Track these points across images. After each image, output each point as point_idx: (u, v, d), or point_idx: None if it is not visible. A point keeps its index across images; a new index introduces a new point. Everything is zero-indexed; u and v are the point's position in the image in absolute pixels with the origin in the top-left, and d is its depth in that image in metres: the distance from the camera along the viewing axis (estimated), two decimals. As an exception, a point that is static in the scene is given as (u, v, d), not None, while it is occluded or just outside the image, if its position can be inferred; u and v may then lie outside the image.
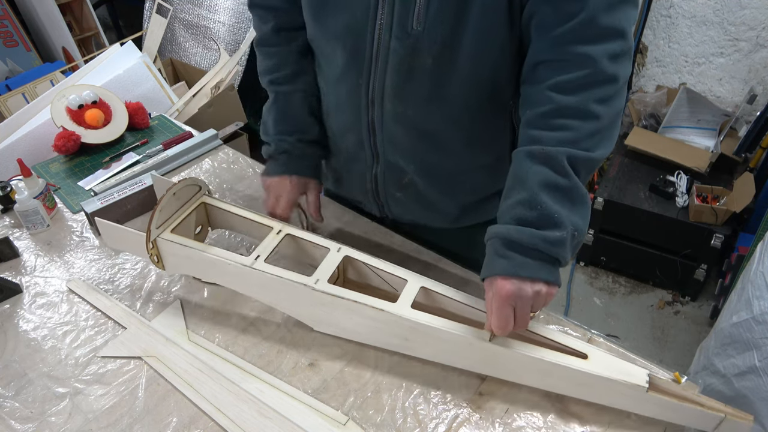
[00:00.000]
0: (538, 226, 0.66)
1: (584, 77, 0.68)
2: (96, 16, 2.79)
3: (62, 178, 1.22)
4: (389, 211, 0.99)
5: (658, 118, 2.42)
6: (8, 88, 2.06)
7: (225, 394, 0.76)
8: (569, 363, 0.70)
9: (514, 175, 0.71)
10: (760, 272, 1.49)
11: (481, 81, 0.79)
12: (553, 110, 0.70)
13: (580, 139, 0.69)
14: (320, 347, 0.82)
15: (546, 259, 0.67)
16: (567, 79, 0.69)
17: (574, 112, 0.69)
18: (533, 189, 0.68)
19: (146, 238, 0.84)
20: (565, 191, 0.68)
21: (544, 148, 0.68)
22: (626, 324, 2.13)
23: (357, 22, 0.77)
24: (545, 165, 0.68)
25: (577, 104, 0.69)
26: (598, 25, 0.67)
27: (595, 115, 0.69)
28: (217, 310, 0.89)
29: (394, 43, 0.76)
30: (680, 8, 2.28)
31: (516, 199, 0.69)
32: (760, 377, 1.48)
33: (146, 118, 1.41)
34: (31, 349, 0.84)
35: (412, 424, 0.72)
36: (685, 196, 2.09)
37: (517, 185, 0.70)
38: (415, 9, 0.73)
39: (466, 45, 0.74)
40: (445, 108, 0.81)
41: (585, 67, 0.68)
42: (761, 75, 2.24)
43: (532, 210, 0.67)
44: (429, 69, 0.77)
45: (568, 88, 0.69)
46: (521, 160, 0.71)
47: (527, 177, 0.69)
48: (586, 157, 0.69)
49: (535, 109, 0.71)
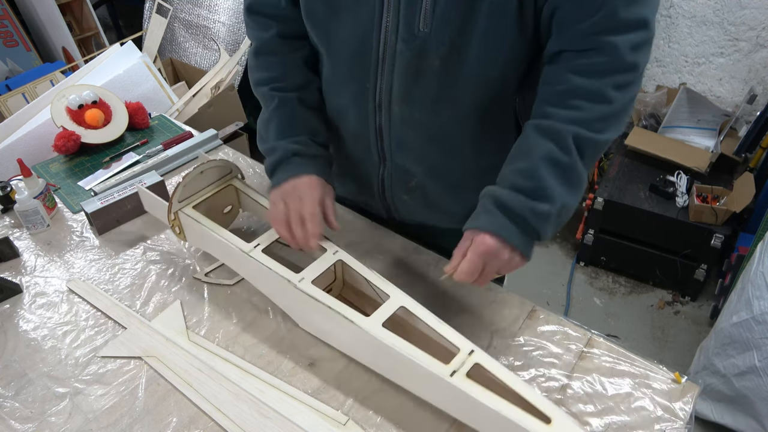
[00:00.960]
0: (531, 196, 0.70)
1: (604, 63, 0.71)
2: (96, 16, 2.79)
3: (62, 178, 1.22)
4: (396, 212, 0.99)
5: (658, 118, 2.42)
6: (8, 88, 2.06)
7: (225, 394, 0.76)
8: (528, 425, 0.61)
9: (520, 145, 0.75)
10: (760, 272, 1.49)
11: (489, 81, 0.78)
12: (569, 90, 0.72)
13: (590, 121, 0.71)
14: (320, 347, 0.82)
15: (528, 231, 0.71)
16: (588, 63, 0.71)
17: (589, 94, 0.71)
18: (534, 161, 0.71)
19: (168, 209, 0.89)
20: (564, 168, 0.71)
21: (553, 124, 0.71)
22: (626, 324, 2.13)
23: (363, 26, 0.76)
24: (551, 140, 0.71)
25: (593, 87, 0.71)
26: (619, 18, 0.69)
27: (609, 99, 0.71)
28: (217, 310, 0.89)
29: (401, 45, 0.75)
30: (680, 8, 2.28)
31: (516, 167, 0.72)
32: (760, 377, 1.48)
33: (146, 118, 1.41)
34: (31, 349, 0.84)
35: (412, 424, 0.72)
36: (685, 196, 2.09)
37: (521, 154, 0.73)
38: (421, 10, 0.72)
39: (475, 46, 0.74)
40: (452, 109, 0.81)
41: (606, 54, 0.70)
42: (761, 75, 2.24)
43: (528, 180, 0.70)
44: (436, 71, 0.77)
45: (587, 71, 0.71)
46: (530, 131, 0.74)
47: (531, 148, 0.72)
48: (591, 138, 0.71)
49: (552, 86, 0.74)
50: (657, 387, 0.76)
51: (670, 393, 0.76)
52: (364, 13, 0.75)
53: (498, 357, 0.81)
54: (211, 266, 0.97)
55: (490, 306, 0.88)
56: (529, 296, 0.90)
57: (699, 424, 1.70)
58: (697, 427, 1.71)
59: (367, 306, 0.80)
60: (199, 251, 1.00)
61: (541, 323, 0.86)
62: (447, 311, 0.87)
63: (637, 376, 0.78)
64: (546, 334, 0.84)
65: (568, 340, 0.83)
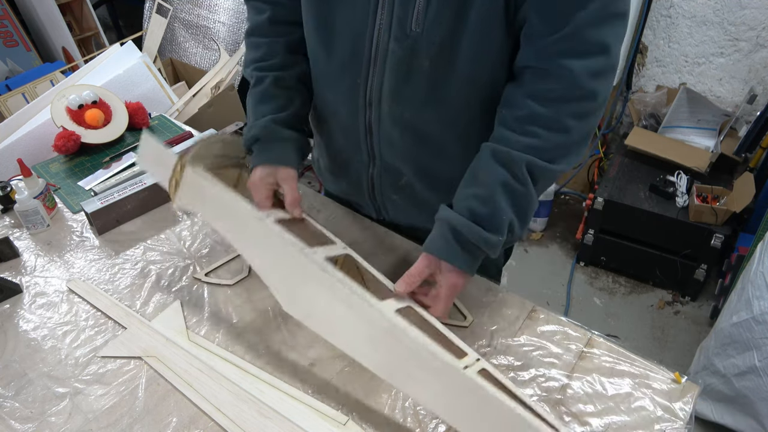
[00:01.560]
0: (485, 227, 0.73)
1: (561, 90, 0.70)
2: (96, 16, 2.79)
3: (62, 178, 1.22)
4: (386, 213, 0.99)
5: (658, 118, 2.42)
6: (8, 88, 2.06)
7: (225, 394, 0.76)
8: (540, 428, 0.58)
9: (476, 169, 0.77)
10: (760, 272, 1.49)
11: (478, 83, 0.79)
12: (527, 116, 0.73)
13: (545, 149, 0.72)
14: (320, 347, 0.82)
15: (479, 257, 0.76)
16: (545, 89, 0.71)
17: (546, 122, 0.72)
18: (491, 187, 0.73)
19: (179, 160, 0.84)
20: (518, 196, 0.73)
21: (509, 152, 0.73)
22: (626, 324, 2.13)
23: (357, 23, 0.77)
24: (505, 167, 0.73)
25: (551, 115, 0.71)
26: (582, 40, 0.68)
27: (566, 128, 0.72)
28: (217, 310, 0.89)
29: (393, 44, 0.76)
30: (680, 8, 2.28)
31: (472, 192, 0.75)
32: (760, 377, 1.48)
33: (146, 118, 1.41)
34: (31, 349, 0.84)
35: (412, 424, 0.72)
36: (685, 196, 2.09)
37: (477, 180, 0.75)
38: (414, 11, 0.73)
39: (464, 47, 0.75)
40: (441, 110, 0.81)
41: (563, 80, 0.70)
42: (761, 75, 2.24)
43: (484, 206, 0.73)
44: (426, 71, 0.78)
45: (545, 98, 0.71)
46: (486, 156, 0.75)
47: (488, 174, 0.74)
48: (544, 167, 0.73)
49: (512, 111, 0.75)
50: (657, 387, 0.76)
51: (670, 393, 0.76)
52: (359, 10, 0.76)
53: (498, 357, 0.81)
54: (211, 266, 0.97)
55: (490, 306, 0.88)
56: (529, 296, 0.90)
57: (699, 424, 1.70)
58: (697, 427, 1.71)
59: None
60: (199, 251, 1.00)
61: (541, 323, 0.86)
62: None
63: (637, 376, 0.78)
64: (546, 334, 0.84)
65: (568, 340, 0.83)
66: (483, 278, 0.93)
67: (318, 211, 1.08)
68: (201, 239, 1.03)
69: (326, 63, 0.87)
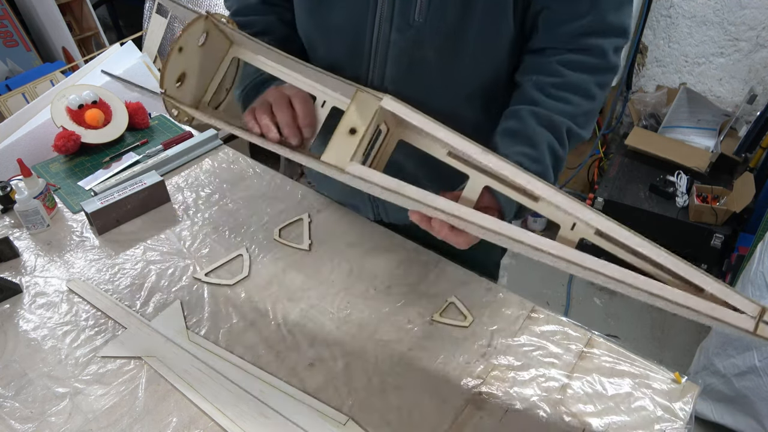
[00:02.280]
0: None
1: (595, 63, 0.75)
2: (96, 16, 2.79)
3: (62, 178, 1.22)
4: (385, 214, 0.99)
5: (658, 118, 2.42)
6: (8, 88, 2.06)
7: (225, 394, 0.76)
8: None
9: (520, 129, 0.75)
10: (760, 272, 1.49)
11: (482, 73, 0.79)
12: (562, 83, 0.75)
13: (577, 115, 0.75)
14: (320, 347, 0.82)
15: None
16: (578, 59, 0.75)
17: (578, 89, 0.75)
18: (541, 149, 0.73)
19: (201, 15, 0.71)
20: (558, 159, 0.75)
21: (551, 115, 0.74)
22: (626, 324, 2.13)
23: (356, 14, 0.76)
24: (548, 130, 0.74)
25: (583, 83, 0.75)
26: (605, 23, 0.73)
27: (593, 96, 0.76)
28: (217, 310, 0.89)
29: (395, 35, 0.75)
30: (680, 8, 2.28)
31: (521, 150, 0.73)
32: (760, 377, 1.48)
33: (146, 118, 1.40)
34: (31, 349, 0.84)
35: (413, 425, 0.72)
36: (685, 196, 2.09)
37: (523, 139, 0.74)
38: (417, 0, 0.72)
39: (470, 37, 0.74)
40: (444, 101, 0.81)
41: (596, 55, 0.75)
42: (761, 75, 2.24)
43: (535, 165, 0.72)
44: (431, 62, 0.77)
45: (579, 67, 0.75)
46: (526, 117, 0.75)
47: (535, 135, 0.73)
48: (578, 132, 0.76)
49: (544, 77, 0.76)
50: (657, 387, 0.76)
51: (670, 393, 0.76)
52: (358, 2, 0.75)
53: (498, 357, 0.81)
54: (211, 266, 0.97)
55: (490, 306, 0.88)
56: (529, 296, 0.90)
57: (699, 424, 1.70)
58: (697, 427, 1.70)
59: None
60: (199, 251, 1.00)
61: (541, 323, 0.86)
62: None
63: (637, 376, 0.78)
64: (546, 334, 0.84)
65: (568, 340, 0.83)
66: (483, 278, 0.93)
67: (318, 211, 1.08)
68: (201, 239, 1.03)
69: (322, 59, 0.85)
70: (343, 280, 0.94)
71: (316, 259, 0.98)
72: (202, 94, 0.78)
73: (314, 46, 0.86)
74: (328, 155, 0.65)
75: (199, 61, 0.74)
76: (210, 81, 0.78)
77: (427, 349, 0.82)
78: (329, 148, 0.65)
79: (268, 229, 1.05)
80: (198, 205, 1.12)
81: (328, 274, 0.95)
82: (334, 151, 0.65)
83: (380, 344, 0.83)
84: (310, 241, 1.01)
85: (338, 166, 0.65)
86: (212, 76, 0.77)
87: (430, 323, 0.86)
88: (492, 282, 0.93)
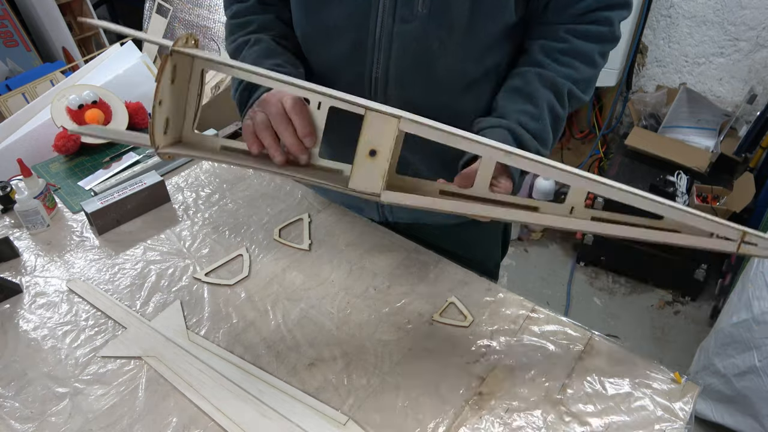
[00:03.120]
0: (538, 141, 0.76)
1: (601, 32, 0.79)
2: (96, 16, 2.79)
3: (62, 178, 1.22)
4: (390, 213, 0.99)
5: (658, 118, 2.42)
6: (8, 88, 2.06)
7: (225, 394, 0.76)
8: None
9: (522, 88, 0.78)
10: (760, 272, 1.49)
11: (486, 63, 0.79)
12: (568, 49, 0.78)
13: (579, 80, 0.79)
14: (320, 347, 0.82)
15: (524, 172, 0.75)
16: (585, 29, 0.78)
17: (583, 56, 0.79)
18: (542, 107, 0.76)
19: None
20: (557, 119, 0.78)
21: (554, 77, 0.77)
22: (626, 324, 2.13)
23: (358, 10, 0.75)
24: (551, 91, 0.77)
25: (588, 51, 0.79)
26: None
27: (595, 63, 0.80)
28: (217, 310, 0.89)
29: (398, 27, 0.75)
30: (680, 8, 2.28)
31: (522, 108, 0.77)
32: (760, 377, 1.48)
33: (146, 118, 1.41)
34: (31, 349, 0.84)
35: (412, 424, 0.72)
36: (685, 196, 2.09)
37: (525, 97, 0.78)
38: None
39: (474, 27, 0.74)
40: (451, 92, 0.81)
41: (604, 25, 0.78)
42: (761, 75, 2.24)
43: (535, 122, 0.76)
44: (435, 52, 0.76)
45: (586, 36, 0.78)
46: (531, 77, 0.78)
47: (537, 94, 0.77)
48: (579, 96, 0.80)
49: (551, 43, 0.79)
50: (657, 387, 0.76)
51: (670, 393, 0.76)
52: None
53: (498, 357, 0.81)
54: (211, 266, 0.97)
55: (490, 306, 0.88)
56: (529, 296, 0.90)
57: (699, 424, 1.71)
58: (697, 427, 1.71)
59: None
60: (199, 251, 1.00)
61: (541, 323, 0.86)
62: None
63: (637, 376, 0.78)
64: (546, 334, 0.84)
65: (568, 340, 0.83)
66: (483, 278, 0.93)
67: (318, 211, 1.08)
68: (201, 239, 1.03)
69: (324, 59, 0.84)
70: (343, 280, 0.94)
71: (316, 259, 0.98)
72: (182, 120, 0.73)
73: (312, 47, 0.86)
74: (355, 182, 0.64)
75: (174, 98, 0.69)
76: (185, 105, 0.72)
77: (427, 349, 0.82)
78: (354, 173, 0.64)
79: (268, 229, 1.05)
80: (198, 205, 1.12)
81: (328, 274, 0.95)
82: (361, 177, 0.64)
83: (380, 344, 0.83)
84: (310, 241, 1.01)
85: (372, 192, 0.64)
86: (186, 99, 0.72)
87: (430, 323, 0.86)
88: (492, 282, 0.93)
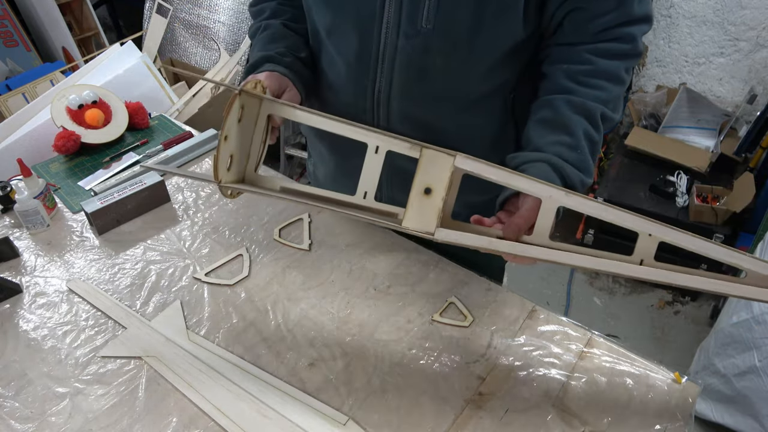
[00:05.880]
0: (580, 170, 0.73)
1: (625, 49, 0.77)
2: (96, 16, 2.79)
3: (62, 178, 1.22)
4: None
5: (658, 118, 2.42)
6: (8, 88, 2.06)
7: (225, 394, 0.76)
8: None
9: (555, 118, 0.76)
10: (760, 272, 1.49)
11: (491, 78, 0.78)
12: (593, 71, 0.76)
13: (609, 100, 0.77)
14: (320, 347, 0.82)
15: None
16: (608, 47, 0.76)
17: (609, 75, 0.77)
18: (578, 135, 0.74)
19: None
20: (594, 144, 0.76)
21: (584, 102, 0.75)
22: (626, 324, 2.13)
23: (363, 22, 0.76)
24: (583, 116, 0.75)
25: (614, 69, 0.77)
26: (634, 14, 0.75)
27: (622, 80, 0.78)
28: (217, 310, 0.89)
29: (402, 41, 0.75)
30: (680, 8, 2.28)
31: (558, 139, 0.74)
32: (760, 377, 1.48)
33: (146, 118, 1.40)
34: (31, 349, 0.84)
35: (412, 424, 0.72)
36: (685, 196, 2.10)
37: (558, 127, 0.75)
38: (424, 6, 0.71)
39: (480, 43, 0.74)
40: (454, 107, 0.81)
41: (626, 42, 0.76)
42: (761, 75, 2.24)
43: (574, 152, 0.73)
44: (439, 68, 0.76)
45: (609, 54, 0.76)
46: (560, 105, 0.76)
47: (570, 123, 0.75)
48: (611, 117, 0.77)
49: (574, 66, 0.77)
50: (657, 387, 0.76)
51: (670, 393, 0.76)
52: (364, 8, 0.75)
53: (498, 357, 0.81)
54: (211, 266, 0.97)
55: (490, 306, 0.88)
56: (529, 296, 0.90)
57: (699, 424, 1.71)
58: (697, 427, 1.71)
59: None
60: (199, 251, 1.00)
61: (541, 323, 0.86)
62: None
63: (637, 376, 0.78)
64: (546, 334, 0.84)
65: (568, 340, 0.83)
66: (483, 278, 0.93)
67: (318, 211, 1.08)
68: (201, 239, 1.03)
69: (330, 68, 0.85)
70: (343, 280, 0.94)
71: (316, 259, 0.98)
72: (246, 161, 0.78)
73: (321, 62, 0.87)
74: (409, 221, 0.65)
75: (240, 136, 0.74)
76: (250, 145, 0.77)
77: (427, 349, 0.82)
78: (409, 211, 0.65)
79: (268, 229, 1.05)
80: (198, 205, 1.12)
81: (328, 274, 0.95)
82: (416, 215, 0.65)
83: (380, 344, 0.83)
84: (310, 241, 1.01)
85: (426, 231, 0.65)
86: (251, 140, 0.77)
87: (430, 323, 0.86)
88: (492, 282, 0.93)
